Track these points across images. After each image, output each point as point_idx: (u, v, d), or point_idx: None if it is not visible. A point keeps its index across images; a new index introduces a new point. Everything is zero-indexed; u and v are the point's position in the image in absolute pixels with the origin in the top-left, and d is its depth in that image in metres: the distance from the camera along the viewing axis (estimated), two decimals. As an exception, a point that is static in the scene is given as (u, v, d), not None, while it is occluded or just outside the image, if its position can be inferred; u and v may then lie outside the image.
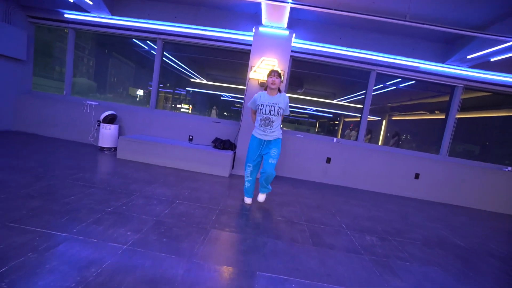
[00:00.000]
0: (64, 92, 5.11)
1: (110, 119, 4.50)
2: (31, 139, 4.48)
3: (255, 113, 2.76)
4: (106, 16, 4.66)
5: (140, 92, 5.82)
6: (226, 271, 1.57)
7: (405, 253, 2.23)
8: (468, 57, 3.89)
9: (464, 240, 2.80)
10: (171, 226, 2.03)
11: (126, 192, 2.64)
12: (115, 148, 4.47)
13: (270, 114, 2.54)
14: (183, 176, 3.59)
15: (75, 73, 5.31)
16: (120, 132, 4.76)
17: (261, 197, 2.91)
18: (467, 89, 4.70)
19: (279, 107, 2.56)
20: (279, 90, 2.67)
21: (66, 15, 4.75)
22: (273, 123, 2.57)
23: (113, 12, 4.64)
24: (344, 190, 4.35)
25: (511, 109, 5.05)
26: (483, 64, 4.12)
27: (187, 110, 6.05)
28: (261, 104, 2.56)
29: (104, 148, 4.43)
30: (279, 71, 2.64)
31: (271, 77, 2.56)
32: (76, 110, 4.87)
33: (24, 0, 4.65)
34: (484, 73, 4.39)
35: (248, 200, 2.89)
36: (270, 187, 2.86)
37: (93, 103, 4.82)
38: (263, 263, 1.72)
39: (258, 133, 2.66)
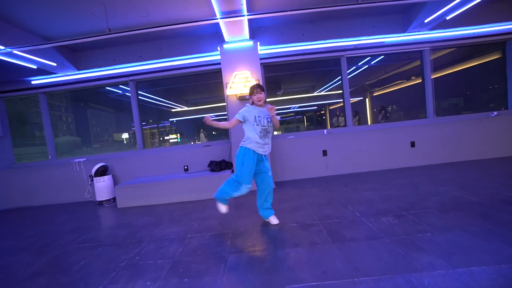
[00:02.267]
0: (49, 156, 5.02)
1: (102, 171, 4.43)
2: (24, 213, 4.35)
3: (236, 123, 2.56)
4: (73, 73, 4.67)
5: (125, 135, 5.78)
6: (255, 295, 1.53)
7: (424, 225, 2.22)
8: (425, 21, 4.03)
9: (477, 195, 2.82)
10: (189, 263, 1.97)
11: (135, 241, 2.57)
12: (114, 199, 4.37)
13: (268, 126, 2.48)
14: (188, 208, 3.53)
15: (57, 133, 5.25)
16: (115, 181, 4.67)
17: (275, 219, 2.66)
18: (434, 50, 4.86)
19: (270, 117, 2.50)
20: (265, 102, 2.58)
21: (33, 82, 4.73)
22: (269, 134, 2.53)
23: (79, 67, 4.65)
24: (349, 177, 4.35)
25: (480, 57, 5.24)
26: (442, 23, 4.27)
27: (176, 139, 6.03)
28: (258, 117, 2.47)
29: (102, 201, 4.33)
30: (261, 85, 2.59)
31: (255, 95, 2.48)
32: (66, 171, 4.77)
33: (-13, 78, 4.61)
34: (444, 32, 4.55)
35: (226, 209, 2.72)
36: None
37: (81, 159, 4.74)
38: (289, 275, 1.68)
39: (257, 145, 2.46)
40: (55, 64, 4.18)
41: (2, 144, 4.94)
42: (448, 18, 3.92)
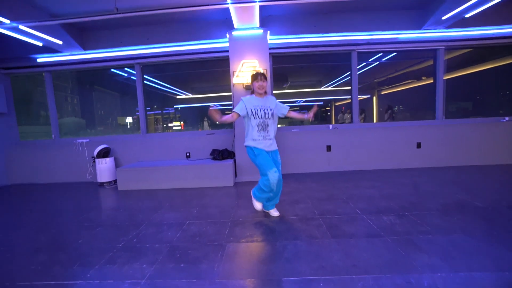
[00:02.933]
0: (53, 135, 5.03)
1: (104, 153, 4.43)
2: (28, 190, 4.39)
3: (238, 116, 2.41)
4: (79, 52, 4.61)
5: (129, 119, 5.77)
6: (251, 284, 1.52)
7: (426, 226, 2.19)
8: (443, 18, 3.89)
9: (481, 200, 2.77)
10: (187, 249, 1.97)
11: (134, 223, 2.57)
12: (115, 181, 4.39)
13: (265, 118, 2.38)
14: (188, 195, 3.53)
15: (62, 114, 5.25)
16: (117, 164, 4.69)
17: (275, 211, 2.63)
18: (449, 49, 4.71)
19: (271, 109, 2.42)
20: (265, 92, 2.51)
21: (39, 60, 4.69)
22: (269, 127, 2.41)
23: (85, 46, 4.59)
24: (351, 174, 4.31)
25: (494, 60, 5.08)
26: (459, 22, 4.12)
27: (179, 127, 6.01)
28: (254, 109, 2.36)
29: (104, 183, 4.35)
30: (264, 73, 2.51)
31: (257, 81, 2.39)
32: (68, 151, 4.79)
33: (-7, 53, 4.58)
34: (461, 31, 4.40)
35: (260, 206, 2.60)
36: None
37: (84, 140, 4.75)
38: (286, 267, 1.67)
39: (255, 142, 2.39)
40: (61, 43, 4.13)
41: (7, 120, 4.95)
42: (467, 16, 3.77)
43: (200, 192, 3.65)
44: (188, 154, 4.68)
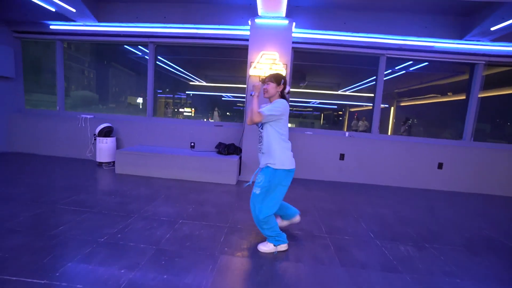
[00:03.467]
0: (57, 107, 4.87)
1: (106, 132, 4.25)
2: (27, 159, 4.26)
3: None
4: (93, 24, 4.39)
5: (140, 100, 5.58)
6: (242, 315, 1.26)
7: (451, 265, 1.88)
8: (492, 28, 3.47)
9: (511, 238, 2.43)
10: (174, 256, 1.73)
11: (124, 214, 2.36)
12: (114, 163, 4.21)
13: (259, 128, 1.94)
14: (186, 188, 3.30)
15: (77, 86, 5.11)
16: (118, 145, 4.50)
17: (262, 247, 1.91)
18: (489, 65, 4.27)
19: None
20: (280, 96, 1.93)
21: (51, 27, 4.50)
22: (262, 139, 1.90)
23: (99, 18, 4.36)
24: (363, 187, 4.00)
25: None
26: (509, 35, 3.68)
27: (190, 114, 5.81)
28: None
29: (102, 163, 4.17)
30: (274, 74, 1.93)
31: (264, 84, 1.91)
32: (72, 125, 4.63)
33: (6, 14, 4.40)
34: (508, 46, 3.95)
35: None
36: (266, 232, 1.90)
37: (88, 116, 4.57)
38: (285, 298, 1.40)
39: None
40: (74, 10, 3.91)
41: (15, 86, 4.82)
42: (521, 29, 3.34)
43: (199, 187, 3.41)
44: (192, 144, 4.44)
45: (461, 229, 2.61)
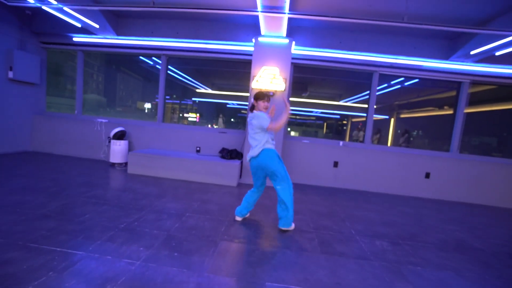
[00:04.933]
0: (76, 111, 5.32)
1: (119, 135, 4.65)
2: (46, 158, 4.68)
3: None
4: (112, 37, 4.86)
5: (148, 105, 6.01)
6: (236, 284, 1.60)
7: (418, 258, 2.19)
8: (472, 52, 3.83)
9: (483, 242, 2.72)
10: (182, 240, 2.08)
11: (137, 207, 2.72)
12: (126, 164, 4.60)
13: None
14: (192, 188, 3.66)
15: (86, 89, 5.55)
16: (130, 148, 4.90)
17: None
18: (474, 83, 4.62)
19: None
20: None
21: (74, 39, 4.98)
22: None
23: (118, 32, 4.84)
24: (355, 194, 4.31)
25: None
26: (489, 58, 4.04)
27: (194, 119, 6.20)
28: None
29: (115, 163, 4.56)
30: (269, 95, 2.54)
31: (264, 102, 2.46)
32: (88, 128, 5.06)
33: (36, 27, 4.91)
34: (490, 67, 4.30)
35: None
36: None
37: (103, 120, 5.00)
38: (272, 274, 1.74)
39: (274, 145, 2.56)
40: (97, 26, 4.38)
41: (38, 91, 5.28)
42: (497, 54, 3.70)
43: (204, 187, 3.77)
44: (198, 148, 4.82)
45: (437, 231, 2.91)
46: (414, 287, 1.76)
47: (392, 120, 7.04)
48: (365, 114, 4.90)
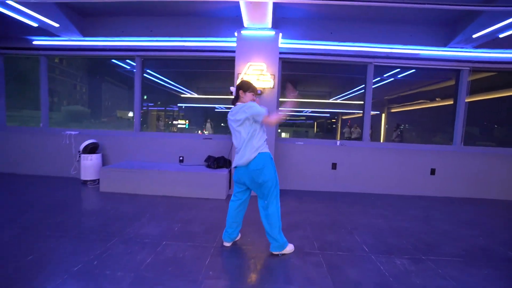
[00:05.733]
0: (41, 124, 4.72)
1: (91, 148, 4.10)
2: (7, 179, 4.07)
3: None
4: (78, 38, 4.33)
5: (131, 114, 5.48)
6: None
7: (449, 279, 1.79)
8: (474, 36, 3.53)
9: (510, 247, 2.36)
10: (153, 284, 1.60)
11: (104, 237, 2.21)
12: (99, 180, 4.05)
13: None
14: (174, 205, 3.17)
15: (69, 101, 4.99)
16: (105, 161, 4.35)
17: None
18: (474, 71, 4.33)
19: None
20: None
21: (34, 42, 4.41)
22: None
23: (84, 33, 4.30)
24: (357, 197, 3.92)
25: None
26: (490, 42, 3.75)
27: (184, 126, 5.73)
28: None
29: (87, 181, 4.01)
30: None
31: (253, 95, 2.08)
32: (56, 142, 4.47)
33: (-13, 31, 4.31)
34: (491, 52, 4.03)
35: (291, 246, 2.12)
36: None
37: (73, 132, 4.43)
38: (273, 328, 1.29)
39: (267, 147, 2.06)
40: (57, 25, 3.84)
41: (-5, 103, 4.67)
42: (501, 36, 3.40)
43: (188, 203, 3.28)
44: (181, 158, 4.32)
45: (456, 238, 2.53)
46: (459, 329, 1.34)
47: (383, 115, 6.80)
48: (357, 111, 4.53)
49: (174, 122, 5.83)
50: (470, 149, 4.34)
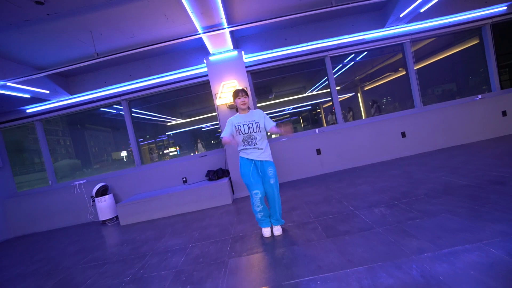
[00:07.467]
0: (50, 181, 5.10)
1: (102, 191, 4.50)
2: (30, 239, 4.41)
3: (233, 137, 2.44)
4: (66, 98, 4.78)
5: (124, 153, 5.88)
6: (254, 294, 1.60)
7: (415, 212, 2.31)
8: (401, 15, 4.18)
9: (466, 178, 2.91)
10: (191, 271, 2.05)
11: (139, 256, 2.64)
12: (117, 217, 4.44)
13: (250, 132, 2.37)
14: (189, 219, 3.61)
15: (56, 157, 5.34)
16: (116, 200, 4.75)
17: (277, 230, 2.48)
18: (414, 41, 5.01)
19: (256, 123, 2.39)
20: (248, 108, 2.53)
21: (28, 110, 4.84)
22: (256, 140, 2.38)
23: (71, 91, 4.77)
24: (344, 173, 4.44)
25: (460, 44, 5.40)
26: (418, 16, 4.42)
27: (175, 152, 6.13)
28: (237, 125, 2.38)
29: (105, 220, 4.39)
30: (245, 89, 2.55)
31: (239, 98, 2.42)
32: (67, 194, 4.84)
33: (-17, 111, 4.72)
34: (421, 23, 4.72)
35: (267, 232, 2.48)
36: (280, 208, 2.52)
37: (81, 181, 4.83)
38: (285, 273, 1.76)
39: (244, 152, 2.44)
40: (48, 92, 4.29)
41: (3, 174, 5.02)
42: (422, 10, 4.06)
43: (200, 215, 3.73)
44: (184, 179, 4.77)
45: (426, 182, 3.07)
46: (417, 239, 1.85)
47: (359, 95, 7.43)
48: (330, 98, 5.12)
49: (165, 151, 6.20)
50: (429, 107, 4.97)
